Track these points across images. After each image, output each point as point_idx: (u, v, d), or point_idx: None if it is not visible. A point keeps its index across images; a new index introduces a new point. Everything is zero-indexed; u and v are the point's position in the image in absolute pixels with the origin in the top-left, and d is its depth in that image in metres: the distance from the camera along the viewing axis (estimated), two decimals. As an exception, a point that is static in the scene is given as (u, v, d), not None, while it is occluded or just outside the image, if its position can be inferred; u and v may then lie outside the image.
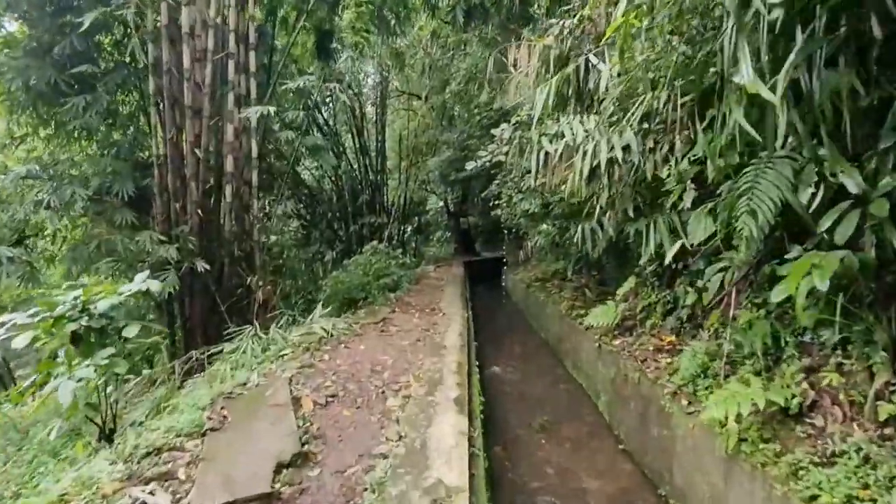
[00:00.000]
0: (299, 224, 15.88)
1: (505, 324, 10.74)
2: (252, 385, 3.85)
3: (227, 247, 7.31)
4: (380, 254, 12.33)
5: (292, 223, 15.97)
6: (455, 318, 6.70)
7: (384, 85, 15.39)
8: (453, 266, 15.08)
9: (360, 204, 14.91)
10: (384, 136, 15.99)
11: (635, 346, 5.47)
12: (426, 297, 8.97)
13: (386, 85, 15.46)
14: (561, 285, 9.27)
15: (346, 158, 15.16)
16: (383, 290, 10.50)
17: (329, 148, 14.22)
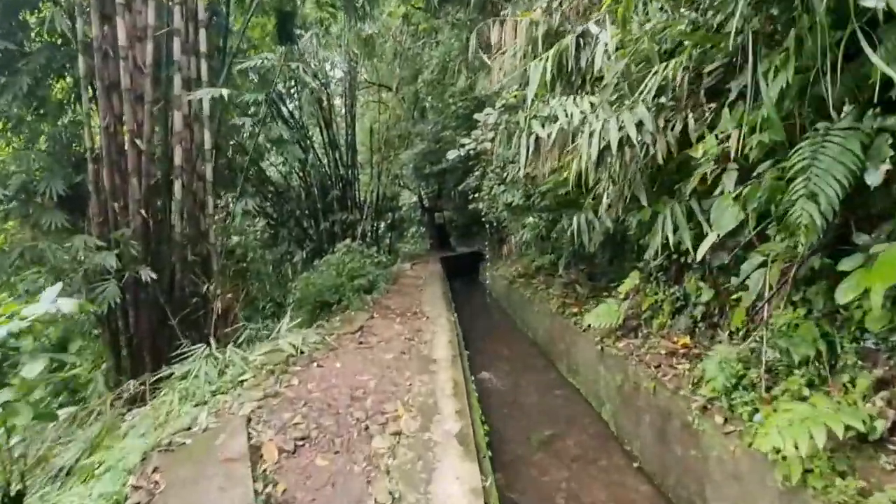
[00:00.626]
0: (266, 223, 14.80)
1: (488, 322, 10.09)
2: (199, 429, 3.02)
3: (179, 251, 6.36)
4: (353, 252, 11.48)
5: (258, 222, 14.89)
6: (441, 324, 5.97)
7: (352, 75, 14.42)
8: (430, 262, 14.35)
9: (330, 200, 13.97)
10: (354, 129, 15.05)
11: (644, 349, 4.87)
12: (406, 298, 8.22)
13: (354, 75, 14.49)
14: (548, 281, 8.66)
15: (314, 153, 14.16)
16: (359, 292, 9.68)
17: (295, 141, 13.24)
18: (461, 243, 21.82)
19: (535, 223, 7.91)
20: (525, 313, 9.02)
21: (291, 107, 14.06)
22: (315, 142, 15.05)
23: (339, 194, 14.13)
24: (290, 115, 13.84)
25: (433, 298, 7.99)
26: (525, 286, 9.33)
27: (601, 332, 5.53)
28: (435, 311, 6.87)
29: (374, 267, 11.05)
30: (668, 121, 4.09)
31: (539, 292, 8.51)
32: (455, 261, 16.72)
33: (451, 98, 12.28)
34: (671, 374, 4.26)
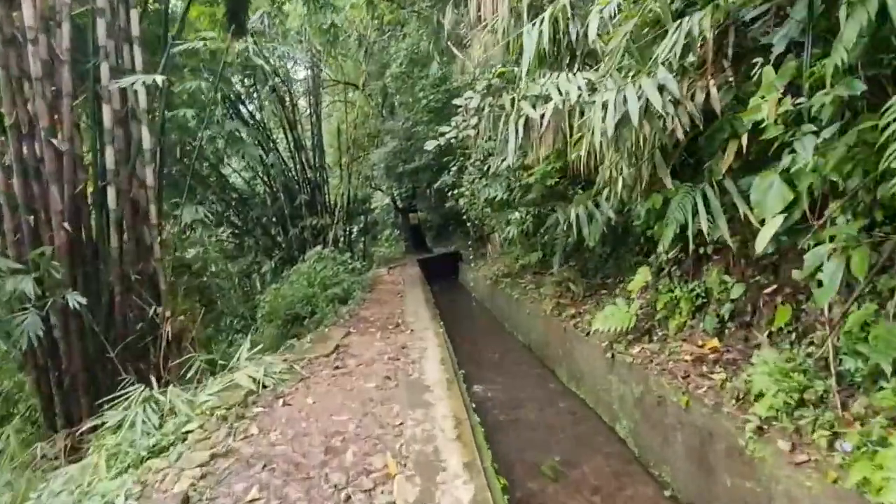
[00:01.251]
0: (230, 232, 13.69)
1: (474, 326, 9.35)
2: (113, 522, 2.18)
3: (118, 270, 5.39)
4: (325, 259, 10.58)
5: (223, 231, 13.78)
6: (428, 338, 5.19)
7: (316, 72, 13.46)
8: (408, 265, 13.53)
9: (298, 205, 12.98)
10: (320, 130, 14.10)
11: (664, 354, 4.21)
12: (385, 307, 7.40)
13: (318, 72, 13.53)
14: (537, 280, 7.97)
15: (278, 155, 13.13)
16: (333, 303, 8.80)
17: (257, 142, 12.22)
18: (437, 244, 21.04)
19: (522, 218, 7.21)
20: (514, 315, 8.32)
21: (252, 108, 13.00)
22: (280, 144, 14.02)
23: (307, 198, 13.15)
24: (251, 116, 12.80)
25: (416, 306, 7.20)
26: (512, 286, 8.63)
27: (609, 337, 4.84)
28: (419, 321, 6.08)
29: (349, 274, 10.18)
30: (690, 88, 3.41)
31: (529, 292, 7.82)
32: (433, 262, 15.94)
33: (421, 91, 11.49)
34: (705, 385, 3.60)
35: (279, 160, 13.08)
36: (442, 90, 11.39)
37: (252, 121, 12.87)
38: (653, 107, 3.14)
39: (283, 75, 12.79)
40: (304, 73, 14.08)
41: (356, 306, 7.76)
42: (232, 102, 12.20)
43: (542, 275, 8.11)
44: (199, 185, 12.38)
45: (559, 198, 7.17)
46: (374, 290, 9.45)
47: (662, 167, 3.42)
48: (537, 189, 7.01)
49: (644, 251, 5.43)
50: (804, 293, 3.51)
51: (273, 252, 13.65)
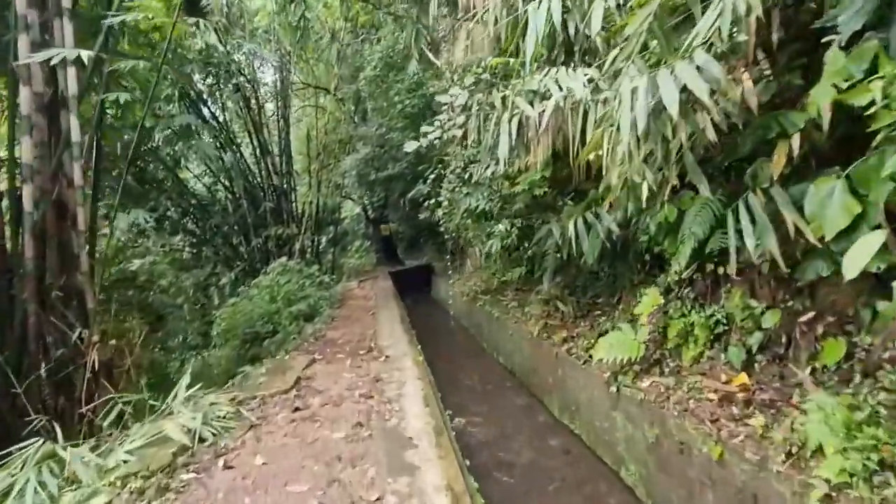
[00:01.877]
0: (187, 241, 12.55)
1: (451, 345, 8.63)
2: None
3: (33, 286, 4.43)
4: (290, 272, 9.68)
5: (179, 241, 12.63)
6: (406, 367, 4.45)
7: (284, 72, 12.60)
8: (379, 279, 12.72)
9: (262, 213, 12.01)
10: (288, 134, 13.19)
11: (681, 391, 3.62)
12: (356, 326, 6.61)
13: (286, 72, 12.67)
14: (521, 298, 7.35)
15: (242, 160, 12.15)
16: (297, 321, 7.93)
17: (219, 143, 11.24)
18: (409, 256, 20.28)
19: (506, 231, 6.58)
20: (495, 335, 7.65)
21: (215, 108, 12.00)
22: (245, 149, 13.04)
23: (272, 206, 12.19)
24: (213, 117, 11.80)
25: (390, 325, 6.44)
26: (492, 304, 7.98)
27: (611, 366, 4.22)
28: (395, 345, 5.34)
29: (316, 288, 9.31)
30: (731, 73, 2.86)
31: (511, 311, 7.19)
32: (405, 275, 15.18)
33: (396, 96, 10.81)
34: (740, 433, 3.01)
35: (242, 164, 12.11)
36: (418, 95, 10.75)
37: (215, 122, 11.88)
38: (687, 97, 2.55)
39: (250, 74, 11.87)
40: (273, 74, 13.17)
41: (323, 325, 6.93)
42: (192, 101, 11.23)
43: (525, 292, 7.49)
44: (155, 190, 11.30)
45: (547, 209, 6.59)
46: (344, 305, 8.62)
47: (696, 171, 2.84)
48: (523, 199, 6.42)
49: (646, 269, 4.87)
50: (852, 322, 2.99)
51: (234, 263, 12.59)
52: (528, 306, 6.77)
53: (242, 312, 8.70)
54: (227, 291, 11.83)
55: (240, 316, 8.66)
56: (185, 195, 12.19)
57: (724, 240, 3.58)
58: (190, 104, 11.17)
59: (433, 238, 19.63)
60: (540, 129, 4.09)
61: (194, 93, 11.25)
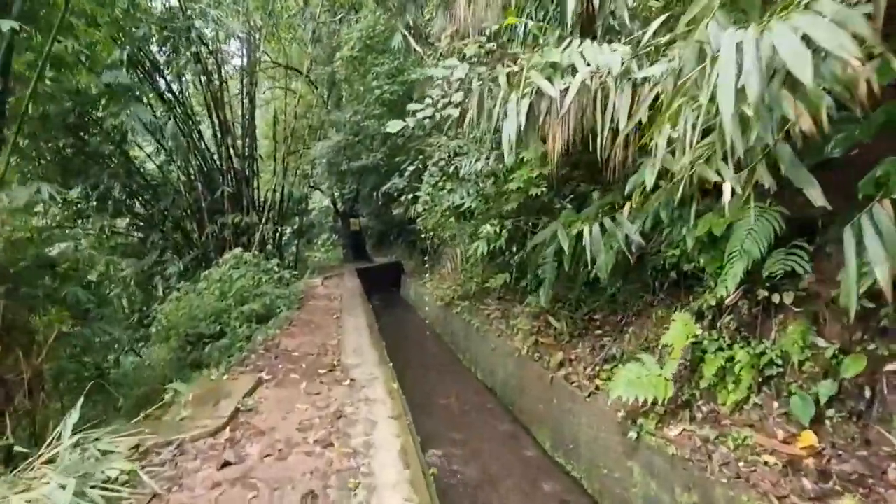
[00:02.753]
0: (132, 224, 11.05)
1: (422, 355, 7.70)
2: None
3: None
4: (246, 265, 8.48)
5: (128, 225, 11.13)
6: (377, 397, 3.48)
7: (251, 44, 11.29)
8: (345, 276, 11.63)
9: (219, 197, 10.68)
10: (253, 115, 11.88)
11: (725, 447, 2.84)
12: (317, 334, 5.58)
13: (253, 45, 11.36)
14: (504, 308, 6.51)
15: (199, 138, 10.79)
16: (249, 323, 6.81)
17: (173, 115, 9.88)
18: (377, 252, 19.18)
19: (494, 233, 5.71)
20: (473, 347, 6.77)
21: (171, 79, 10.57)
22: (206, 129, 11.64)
23: (231, 191, 10.88)
24: (168, 88, 10.39)
25: (357, 336, 5.46)
26: (472, 312, 7.10)
27: (625, 404, 3.41)
28: (363, 363, 4.36)
29: (274, 285, 8.16)
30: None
31: (494, 322, 6.33)
32: (374, 273, 14.13)
33: (375, 81, 9.76)
34: (825, 520, 2.21)
35: (199, 142, 10.75)
36: (398, 82, 9.75)
37: (170, 94, 10.48)
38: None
39: (213, 45, 10.51)
40: (240, 48, 11.80)
41: (278, 331, 5.86)
42: (146, 70, 9.82)
43: (508, 301, 6.66)
44: (97, 165, 9.83)
45: (541, 211, 5.77)
46: (305, 306, 7.54)
47: (799, 170, 2.01)
48: (516, 199, 5.56)
49: (663, 287, 4.10)
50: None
51: (185, 251, 11.20)
52: (515, 319, 5.92)
53: (186, 308, 7.50)
54: (175, 283, 10.46)
55: (183, 312, 7.45)
56: (132, 173, 10.73)
57: (788, 261, 2.81)
58: (144, 74, 9.78)
59: (404, 235, 18.58)
60: (561, 110, 3.23)
61: (148, 61, 9.87)
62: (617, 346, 4.26)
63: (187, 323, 7.33)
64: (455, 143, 6.60)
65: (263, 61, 13.72)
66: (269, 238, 11.96)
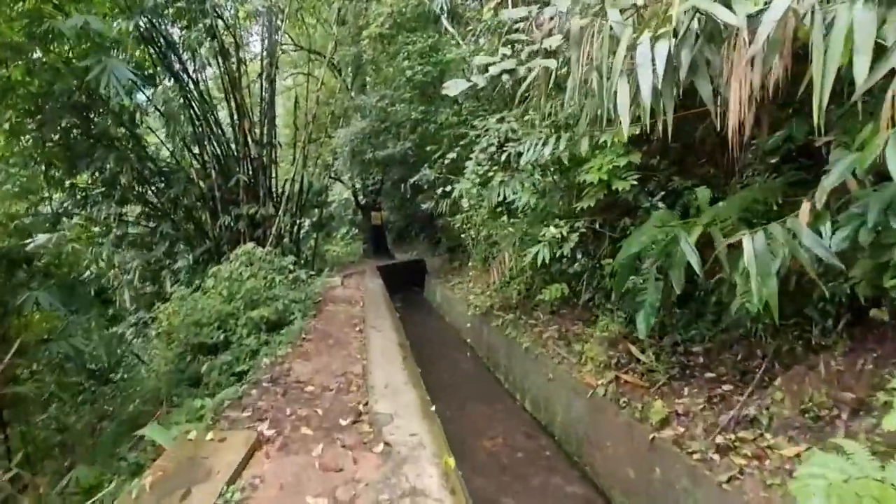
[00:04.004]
0: (143, 213, 9.99)
1: (456, 376, 6.45)
2: None
3: None
4: (259, 262, 7.30)
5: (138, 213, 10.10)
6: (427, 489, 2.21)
7: (272, 24, 10.09)
8: (367, 275, 10.43)
9: (234, 187, 9.54)
10: (272, 99, 10.70)
11: None
12: (336, 357, 4.37)
13: (274, 24, 10.16)
14: (562, 327, 5.22)
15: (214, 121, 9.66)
16: (257, 332, 5.65)
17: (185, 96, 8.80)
18: (398, 248, 17.97)
19: (560, 237, 4.42)
20: (519, 370, 5.50)
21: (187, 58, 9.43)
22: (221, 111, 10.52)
23: (247, 180, 9.72)
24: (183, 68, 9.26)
25: (386, 363, 4.24)
26: (517, 326, 5.83)
27: None
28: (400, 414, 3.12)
29: (289, 287, 6.97)
30: None
31: (550, 344, 5.04)
32: (395, 271, 12.94)
33: (406, 61, 8.48)
34: None
35: (214, 127, 9.62)
36: (432, 62, 8.45)
37: (185, 75, 9.35)
38: None
39: (230, 20, 9.34)
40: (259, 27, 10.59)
41: (289, 349, 4.66)
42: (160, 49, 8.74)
43: (566, 318, 5.38)
44: (104, 148, 8.77)
45: (623, 211, 4.46)
46: (322, 312, 6.35)
47: None
48: (593, 194, 4.24)
49: (837, 326, 2.76)
50: None
51: (197, 243, 10.12)
52: (581, 343, 4.63)
53: (189, 311, 6.37)
54: (184, 277, 9.38)
55: (186, 315, 6.32)
56: (143, 158, 9.66)
57: None
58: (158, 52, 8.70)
59: (426, 231, 17.30)
60: (745, 53, 1.92)
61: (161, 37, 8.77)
62: (756, 404, 2.94)
63: (189, 328, 6.21)
64: (507, 126, 5.30)
65: (285, 44, 12.57)
66: (287, 231, 10.81)
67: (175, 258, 9.51)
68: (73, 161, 8.79)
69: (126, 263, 8.95)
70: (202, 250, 9.79)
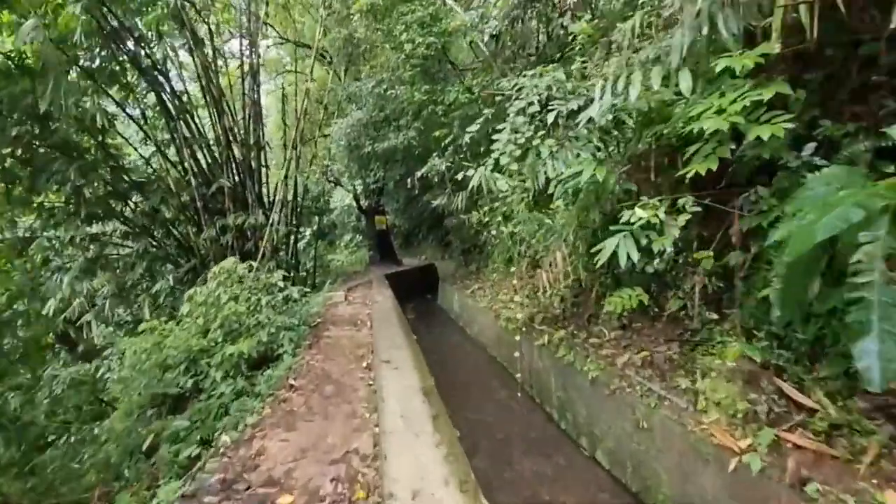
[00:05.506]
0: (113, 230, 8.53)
1: (495, 413, 4.89)
2: None
3: None
4: (244, 280, 5.80)
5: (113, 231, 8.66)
6: None
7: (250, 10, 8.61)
8: (374, 286, 8.92)
9: (217, 195, 8.09)
10: (257, 94, 9.22)
11: None
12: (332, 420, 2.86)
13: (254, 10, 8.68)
14: (643, 350, 3.67)
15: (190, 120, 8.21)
16: (235, 375, 4.15)
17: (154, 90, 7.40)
18: (405, 253, 16.45)
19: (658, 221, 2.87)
20: (588, 411, 3.97)
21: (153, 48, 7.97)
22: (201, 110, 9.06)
23: (231, 186, 8.25)
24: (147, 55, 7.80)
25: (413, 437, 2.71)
26: (571, 347, 4.28)
27: None
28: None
29: (278, 309, 5.45)
30: None
31: (631, 375, 3.49)
32: (405, 279, 11.43)
33: (404, 33, 6.96)
34: None
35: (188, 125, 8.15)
36: (435, 32, 6.93)
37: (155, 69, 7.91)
38: None
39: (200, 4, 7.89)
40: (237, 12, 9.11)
41: (266, 408, 3.12)
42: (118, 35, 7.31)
43: (647, 337, 3.83)
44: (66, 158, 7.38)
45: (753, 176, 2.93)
46: (320, 341, 4.84)
47: None
48: (714, 152, 2.71)
49: None
50: None
51: (181, 261, 8.66)
52: (690, 377, 3.08)
53: (151, 349, 4.89)
54: (163, 301, 7.91)
55: (149, 355, 4.84)
56: (116, 169, 8.22)
57: None
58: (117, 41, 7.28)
59: (434, 232, 15.77)
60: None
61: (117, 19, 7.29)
62: None
63: (153, 371, 4.74)
64: (548, 79, 3.77)
65: (271, 37, 11.13)
66: (282, 242, 9.31)
67: (153, 279, 8.04)
68: (34, 176, 7.39)
69: (97, 291, 7.46)
70: (186, 269, 8.32)
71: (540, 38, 6.63)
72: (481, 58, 8.23)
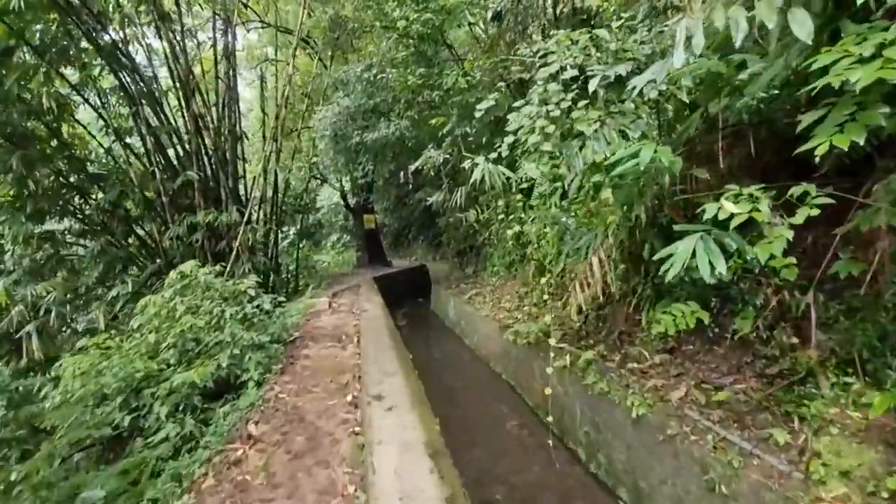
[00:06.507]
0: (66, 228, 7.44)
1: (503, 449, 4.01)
2: None
3: None
4: (208, 292, 4.80)
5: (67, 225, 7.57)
6: None
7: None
8: (362, 291, 7.97)
9: (183, 186, 7.06)
10: (234, 79, 8.19)
11: None
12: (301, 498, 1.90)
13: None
14: (708, 384, 2.81)
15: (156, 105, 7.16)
16: (184, 412, 3.17)
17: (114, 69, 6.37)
18: (394, 254, 15.50)
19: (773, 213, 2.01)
20: (629, 456, 3.13)
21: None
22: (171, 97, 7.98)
23: (201, 179, 7.23)
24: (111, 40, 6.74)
25: None
26: (604, 374, 3.43)
27: None
28: None
29: (246, 324, 4.47)
30: None
31: (694, 417, 2.63)
32: (395, 281, 10.50)
33: (398, 9, 6.04)
34: None
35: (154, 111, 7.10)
36: (432, 9, 6.02)
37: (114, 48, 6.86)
38: None
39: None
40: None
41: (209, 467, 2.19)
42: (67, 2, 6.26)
43: (705, 365, 2.99)
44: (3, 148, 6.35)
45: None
46: (295, 364, 3.91)
47: None
48: (867, 118, 1.85)
49: None
50: None
51: (145, 263, 7.61)
52: (801, 430, 2.23)
53: (88, 375, 3.91)
54: (119, 309, 6.83)
55: (83, 382, 3.85)
56: (71, 159, 7.13)
57: None
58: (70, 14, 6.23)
59: (425, 232, 14.85)
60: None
61: None
62: None
63: (86, 401, 3.77)
64: (584, 39, 2.90)
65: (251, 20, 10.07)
66: (259, 242, 8.29)
67: (110, 285, 6.96)
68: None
69: (42, 297, 6.37)
70: (149, 272, 7.26)
71: (548, 13, 5.79)
72: (481, 42, 7.37)
